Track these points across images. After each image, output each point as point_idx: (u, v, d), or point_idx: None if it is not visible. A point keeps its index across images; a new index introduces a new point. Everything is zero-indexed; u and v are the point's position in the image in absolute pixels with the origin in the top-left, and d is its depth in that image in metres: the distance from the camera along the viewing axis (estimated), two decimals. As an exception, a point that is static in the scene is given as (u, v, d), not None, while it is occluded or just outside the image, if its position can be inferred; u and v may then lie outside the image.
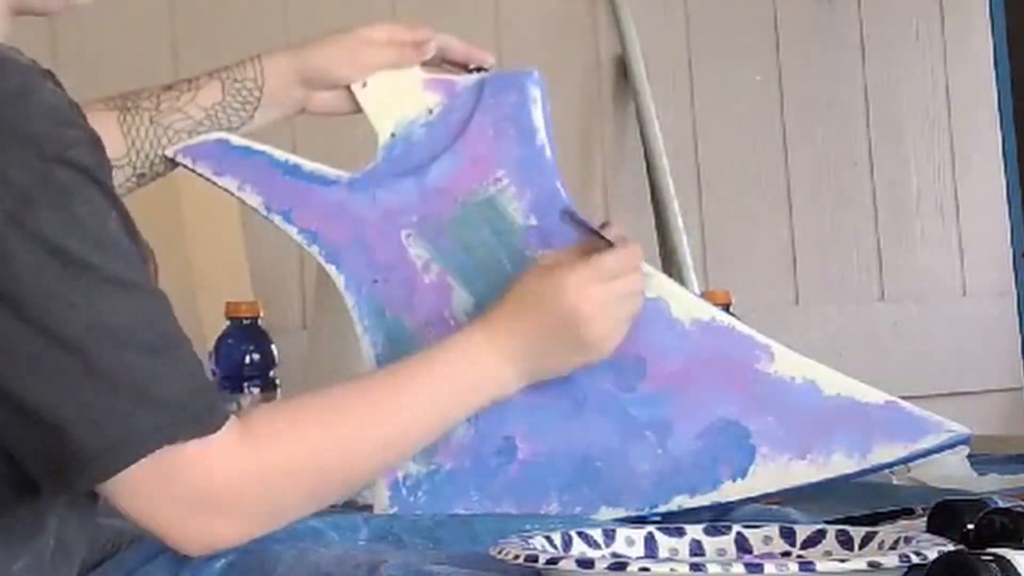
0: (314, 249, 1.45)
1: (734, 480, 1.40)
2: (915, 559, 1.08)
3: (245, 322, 1.97)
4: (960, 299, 3.22)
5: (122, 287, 1.14)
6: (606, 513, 1.39)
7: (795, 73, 3.10)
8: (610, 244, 1.37)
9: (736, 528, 1.24)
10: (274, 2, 2.63)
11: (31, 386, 1.12)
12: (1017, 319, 2.85)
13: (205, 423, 1.17)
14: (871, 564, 1.08)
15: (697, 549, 1.23)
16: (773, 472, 1.41)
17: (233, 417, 1.20)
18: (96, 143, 1.13)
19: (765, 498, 1.42)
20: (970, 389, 3.08)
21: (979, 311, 3.19)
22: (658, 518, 1.38)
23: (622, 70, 2.93)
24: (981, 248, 3.21)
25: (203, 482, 1.18)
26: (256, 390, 1.93)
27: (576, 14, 2.94)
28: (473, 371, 1.35)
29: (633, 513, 1.39)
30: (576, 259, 1.37)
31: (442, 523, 1.34)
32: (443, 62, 1.52)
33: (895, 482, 1.59)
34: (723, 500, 1.40)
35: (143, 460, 1.14)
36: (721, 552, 1.23)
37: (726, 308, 1.76)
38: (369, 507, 1.45)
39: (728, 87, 3.04)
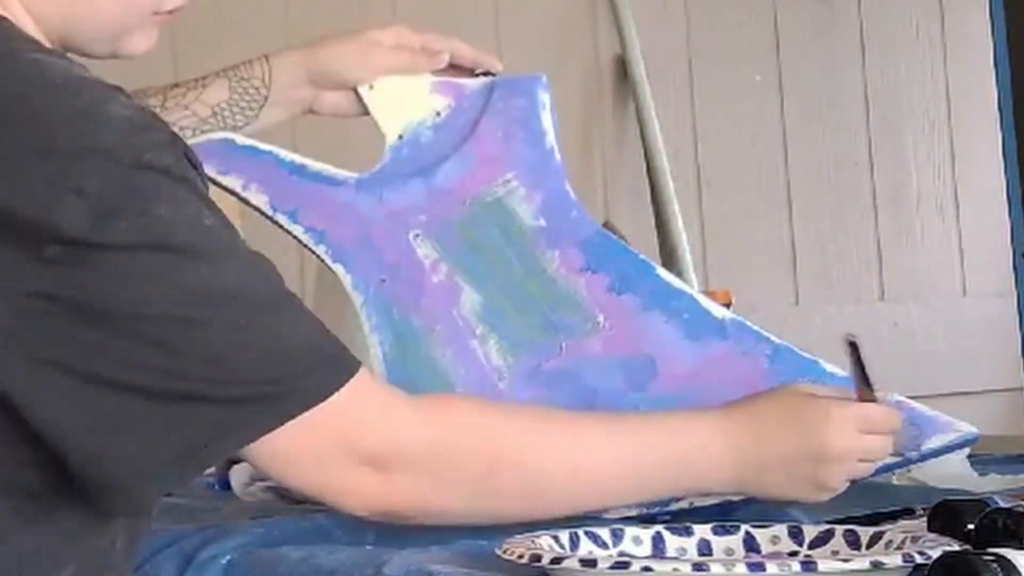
0: (320, 248, 1.45)
1: None
2: (919, 559, 1.08)
3: (246, 322, 1.97)
4: (960, 299, 3.22)
5: (218, 256, 1.10)
6: (616, 511, 1.39)
7: (795, 73, 3.10)
8: (873, 395, 1.34)
9: (744, 528, 1.24)
10: (275, 2, 2.63)
11: (151, 367, 1.07)
12: (1017, 319, 2.85)
13: (343, 367, 1.14)
14: (874, 564, 1.08)
15: (705, 549, 1.23)
16: None
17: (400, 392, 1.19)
18: (176, 143, 1.11)
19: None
20: (970, 389, 3.09)
21: (979, 311, 3.19)
22: (667, 517, 1.38)
23: (622, 70, 2.94)
24: (981, 248, 3.21)
25: (370, 433, 1.15)
26: (257, 390, 1.93)
27: (576, 14, 2.94)
28: (696, 452, 1.29)
29: (644, 511, 1.39)
30: (845, 399, 1.33)
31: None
32: (450, 66, 1.52)
33: (895, 482, 1.59)
34: (735, 499, 1.40)
35: (300, 417, 1.11)
36: (729, 552, 1.23)
37: (726, 308, 1.76)
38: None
39: (728, 87, 3.04)
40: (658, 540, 1.23)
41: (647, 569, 1.07)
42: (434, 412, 1.20)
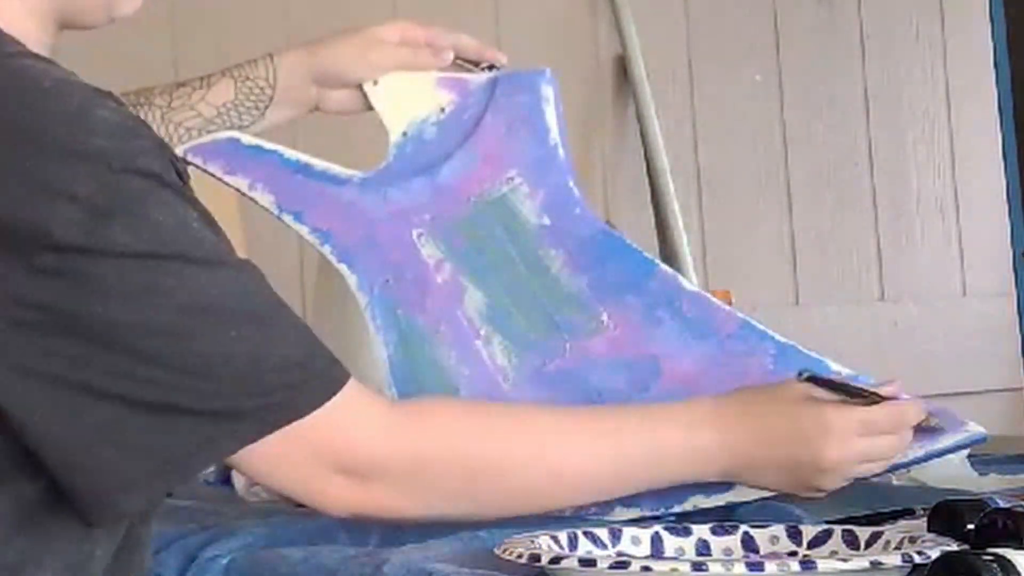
0: (326, 249, 1.45)
1: None
2: (917, 559, 1.09)
3: (246, 322, 1.97)
4: (960, 299, 3.22)
5: (210, 266, 1.12)
6: (621, 514, 1.39)
7: (795, 73, 3.10)
8: (870, 397, 1.33)
9: (743, 528, 1.24)
10: (275, 2, 2.63)
11: (140, 378, 1.08)
12: (1017, 319, 2.85)
13: (331, 381, 1.16)
14: (873, 563, 1.08)
15: (704, 549, 1.23)
16: None
17: (381, 393, 1.21)
18: (163, 149, 1.12)
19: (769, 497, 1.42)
20: (970, 389, 3.08)
21: (979, 311, 3.19)
22: (670, 518, 1.38)
23: (622, 70, 2.94)
24: (981, 248, 3.21)
25: (346, 445, 1.18)
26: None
27: (576, 14, 2.94)
28: (680, 446, 1.30)
29: (648, 513, 1.39)
30: (844, 402, 1.32)
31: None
32: (455, 60, 1.52)
33: (895, 482, 1.59)
34: (739, 500, 1.40)
35: (281, 430, 1.13)
36: (728, 552, 1.23)
37: (727, 307, 1.76)
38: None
39: (728, 87, 3.04)
40: (656, 540, 1.24)
41: (646, 569, 1.07)
42: (412, 423, 1.22)
